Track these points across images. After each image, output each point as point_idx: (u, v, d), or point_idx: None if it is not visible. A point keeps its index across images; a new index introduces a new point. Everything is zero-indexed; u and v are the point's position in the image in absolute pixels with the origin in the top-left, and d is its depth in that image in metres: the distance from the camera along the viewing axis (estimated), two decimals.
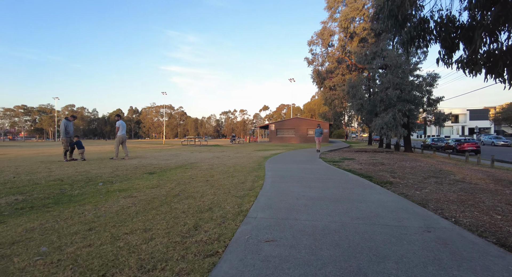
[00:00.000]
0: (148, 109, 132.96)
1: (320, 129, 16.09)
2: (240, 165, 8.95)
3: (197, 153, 15.58)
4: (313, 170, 7.42)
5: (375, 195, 4.26)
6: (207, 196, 4.23)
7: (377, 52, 17.29)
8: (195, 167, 8.26)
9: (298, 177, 6.09)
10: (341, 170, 7.62)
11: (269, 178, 5.92)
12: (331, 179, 5.78)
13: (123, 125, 11.03)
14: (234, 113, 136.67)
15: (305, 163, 9.23)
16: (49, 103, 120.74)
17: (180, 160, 10.91)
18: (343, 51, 22.12)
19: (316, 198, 4.00)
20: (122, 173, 6.84)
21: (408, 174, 7.13)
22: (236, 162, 9.83)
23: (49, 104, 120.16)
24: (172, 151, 17.40)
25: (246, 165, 8.92)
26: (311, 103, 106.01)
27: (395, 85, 16.14)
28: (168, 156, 13.06)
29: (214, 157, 12.48)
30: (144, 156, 12.75)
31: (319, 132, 16.03)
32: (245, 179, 5.87)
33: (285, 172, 6.97)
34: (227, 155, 13.97)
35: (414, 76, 16.46)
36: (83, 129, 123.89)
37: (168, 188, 4.91)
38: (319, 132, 16.03)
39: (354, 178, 6.00)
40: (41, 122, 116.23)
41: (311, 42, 22.73)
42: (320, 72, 25.08)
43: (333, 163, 9.85)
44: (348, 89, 18.60)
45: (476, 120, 69.06)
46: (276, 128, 44.41)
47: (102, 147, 25.15)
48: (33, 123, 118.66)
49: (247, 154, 14.89)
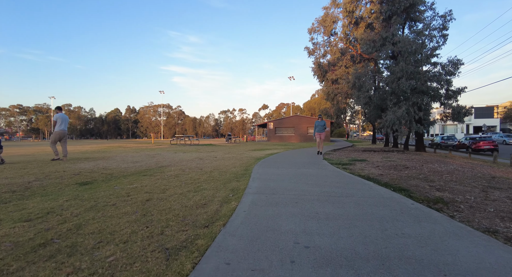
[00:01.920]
0: (146, 108, 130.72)
1: (322, 122, 11.35)
2: (221, 169, 6.80)
3: (181, 153, 13.43)
4: (318, 177, 5.26)
5: (452, 241, 2.10)
6: (104, 250, 2.07)
7: (387, 38, 15.11)
8: (158, 173, 6.11)
9: (296, 192, 3.92)
10: (356, 177, 5.46)
11: (251, 194, 3.75)
12: (349, 197, 3.62)
13: (63, 118, 8.97)
14: (233, 113, 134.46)
15: (307, 166, 7.08)
16: (45, 103, 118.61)
17: (150, 162, 8.76)
18: (347, 40, 19.95)
19: (334, 258, 1.84)
20: (42, 184, 4.68)
21: (452, 183, 4.98)
22: (218, 165, 7.68)
23: (45, 103, 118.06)
24: (154, 151, 15.26)
25: (229, 169, 6.77)
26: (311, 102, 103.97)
27: (409, 75, 13.97)
28: (142, 157, 10.91)
29: (196, 158, 10.34)
30: (111, 157, 10.60)
31: (322, 126, 11.31)
32: (212, 197, 3.71)
33: (277, 182, 4.81)
34: (214, 155, 11.83)
35: (431, 64, 14.25)
36: (80, 129, 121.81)
37: (54, 221, 2.73)
38: (322, 126, 11.31)
39: (385, 194, 3.83)
40: (37, 122, 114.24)
41: (311, 29, 20.52)
42: (321, 65, 22.91)
43: (342, 166, 7.70)
44: (354, 80, 16.43)
45: (481, 119, 66.77)
46: (275, 126, 42.25)
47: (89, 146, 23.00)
48: (29, 123, 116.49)
49: (238, 154, 12.75)
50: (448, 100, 14.52)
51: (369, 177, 5.71)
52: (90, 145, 26.46)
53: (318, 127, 11.39)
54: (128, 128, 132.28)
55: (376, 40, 16.02)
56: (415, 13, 16.16)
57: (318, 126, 11.39)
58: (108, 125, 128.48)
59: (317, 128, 11.40)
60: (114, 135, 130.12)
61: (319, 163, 8.00)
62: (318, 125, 11.39)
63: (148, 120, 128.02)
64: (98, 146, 22.44)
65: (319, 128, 11.39)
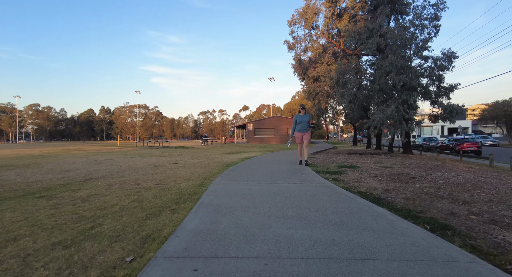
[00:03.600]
0: (121, 109, 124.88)
1: (306, 117, 7.66)
2: (166, 184, 4.84)
3: (139, 158, 11.27)
4: (303, 200, 3.43)
5: None
6: None
7: (374, 29, 13.71)
8: (66, 193, 4.06)
9: (265, 248, 2.04)
10: (358, 198, 3.68)
11: (165, 261, 1.86)
12: (368, 260, 1.79)
13: None
14: (213, 114, 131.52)
15: (287, 178, 5.27)
16: (9, 102, 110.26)
17: (84, 172, 6.63)
18: (329, 34, 18.51)
19: None
20: None
21: (501, 207, 3.33)
22: (168, 177, 5.71)
23: (9, 103, 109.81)
24: (110, 155, 12.94)
25: (177, 184, 4.81)
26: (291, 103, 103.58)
27: (399, 69, 12.60)
28: (82, 164, 8.70)
29: (150, 165, 8.29)
30: (42, 164, 8.31)
31: (306, 122, 7.61)
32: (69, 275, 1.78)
33: (236, 213, 2.87)
34: (176, 161, 9.81)
35: (422, 57, 12.94)
36: (49, 130, 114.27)
37: None
38: (306, 122, 7.61)
39: (426, 243, 2.03)
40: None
41: (291, 21, 18.86)
42: (302, 62, 21.37)
43: (332, 175, 5.95)
44: (338, 77, 14.92)
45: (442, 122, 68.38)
46: (255, 128, 40.51)
47: (41, 149, 20.02)
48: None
49: (207, 159, 10.79)
50: (439, 98, 13.30)
51: (374, 195, 3.97)
52: (46, 148, 23.38)
53: (302, 124, 7.55)
54: (103, 129, 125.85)
55: (362, 32, 14.60)
56: (401, 5, 14.94)
57: (301, 123, 7.54)
58: (81, 127, 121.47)
59: (299, 125, 7.57)
60: (88, 137, 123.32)
61: (302, 171, 6.22)
62: (301, 121, 7.54)
63: (124, 121, 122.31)
64: (51, 149, 19.60)
65: (302, 125, 7.55)
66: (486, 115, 41.10)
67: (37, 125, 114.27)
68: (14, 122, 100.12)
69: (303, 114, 7.71)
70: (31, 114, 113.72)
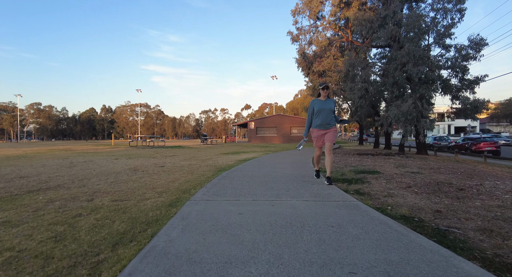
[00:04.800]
0: (122, 108, 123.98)
1: (330, 103, 4.61)
2: (125, 203, 3.49)
3: (124, 159, 9.97)
4: (322, 233, 2.09)
5: None
6: None
7: (388, 16, 12.28)
8: None
9: None
10: (411, 232, 2.32)
11: None
12: None
13: None
14: (214, 113, 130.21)
15: (293, 189, 3.92)
16: (11, 101, 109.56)
17: (39, 179, 5.32)
18: (336, 25, 17.11)
19: None
20: None
21: None
22: (138, 188, 4.38)
23: (11, 102, 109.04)
24: (92, 156, 11.65)
25: (139, 203, 3.45)
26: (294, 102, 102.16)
27: (417, 60, 11.18)
28: (51, 167, 7.40)
29: (130, 169, 6.97)
30: (1, 168, 7.02)
31: (329, 111, 4.58)
32: None
33: (208, 274, 1.59)
34: (163, 163, 8.49)
35: (443, 46, 11.45)
36: (50, 129, 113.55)
37: None
38: (329, 111, 4.58)
39: None
40: (1, 121, 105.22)
41: (295, 11, 17.45)
42: (306, 55, 19.95)
43: (351, 185, 4.58)
44: (347, 69, 13.52)
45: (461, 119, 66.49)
46: (256, 126, 39.17)
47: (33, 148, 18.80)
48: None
49: (200, 160, 9.48)
50: (461, 92, 11.84)
51: (425, 222, 2.61)
52: (36, 147, 22.15)
53: (323, 114, 4.58)
54: (104, 128, 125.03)
55: (374, 20, 13.18)
56: None
57: (322, 113, 4.59)
58: (82, 126, 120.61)
59: (319, 116, 4.61)
60: (89, 136, 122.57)
61: (313, 180, 4.86)
62: (322, 109, 4.59)
63: (125, 120, 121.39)
64: (39, 149, 18.36)
65: (324, 116, 4.58)
66: (498, 114, 39.40)
67: (38, 124, 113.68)
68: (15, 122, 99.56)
69: (325, 99, 4.63)
70: (32, 113, 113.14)
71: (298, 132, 38.60)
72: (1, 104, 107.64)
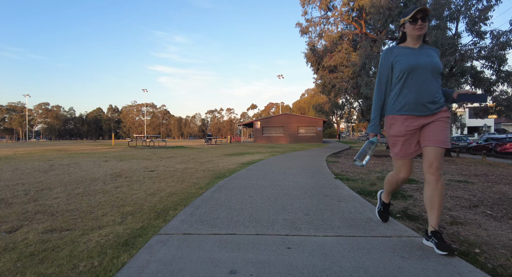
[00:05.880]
0: (129, 107, 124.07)
1: (432, 55, 1.97)
2: (58, 240, 2.29)
3: (114, 161, 8.88)
4: None
5: None
6: None
7: (410, 1, 10.94)
8: None
9: None
10: None
11: None
12: None
13: None
14: (220, 112, 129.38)
15: (315, 212, 2.72)
16: (19, 101, 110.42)
17: None
18: (349, 15, 15.81)
19: None
20: None
21: None
22: (102, 205, 3.20)
23: (19, 102, 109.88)
24: (82, 157, 10.59)
25: (79, 238, 2.26)
26: (300, 102, 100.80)
27: (445, 49, 9.82)
28: (23, 171, 6.30)
29: (111, 174, 5.84)
30: None
31: (434, 71, 1.92)
32: None
33: None
34: (155, 166, 7.35)
35: (477, 33, 10.02)
36: (58, 129, 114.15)
37: None
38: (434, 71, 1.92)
39: None
40: (10, 121, 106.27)
41: (304, 0, 16.24)
42: (316, 50, 18.66)
43: (391, 201, 3.35)
44: (363, 62, 12.22)
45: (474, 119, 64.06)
46: (262, 126, 37.95)
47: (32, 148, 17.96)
48: (2, 123, 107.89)
49: (199, 163, 8.32)
50: (495, 86, 10.43)
51: None
52: (33, 147, 21.32)
53: (422, 75, 1.93)
54: (110, 128, 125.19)
55: (392, 7, 11.85)
56: None
57: (422, 73, 1.93)
58: (89, 126, 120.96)
59: (415, 79, 1.94)
60: (96, 136, 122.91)
61: (339, 194, 3.63)
62: (419, 65, 1.93)
63: (131, 120, 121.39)
64: (34, 149, 17.47)
65: (424, 79, 1.93)
66: None
67: (46, 124, 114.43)
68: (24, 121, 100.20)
69: (419, 45, 2.05)
70: (40, 113, 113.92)
71: (305, 132, 37.17)
72: (10, 104, 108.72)
